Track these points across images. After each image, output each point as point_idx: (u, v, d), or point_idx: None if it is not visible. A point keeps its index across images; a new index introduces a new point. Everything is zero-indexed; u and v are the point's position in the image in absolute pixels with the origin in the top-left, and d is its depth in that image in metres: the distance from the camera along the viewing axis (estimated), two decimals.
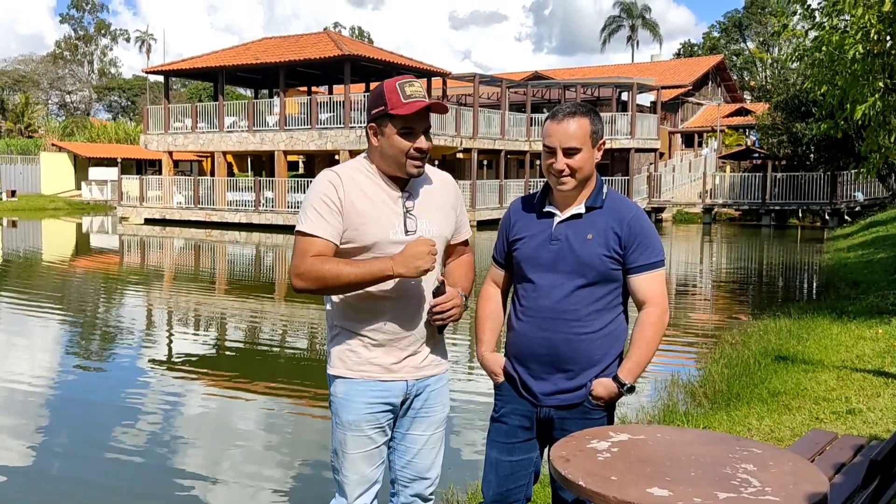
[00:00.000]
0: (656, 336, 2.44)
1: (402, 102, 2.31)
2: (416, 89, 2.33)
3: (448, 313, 2.37)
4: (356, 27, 77.86)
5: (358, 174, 2.41)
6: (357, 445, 2.42)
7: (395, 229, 2.37)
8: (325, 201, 2.34)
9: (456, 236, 2.58)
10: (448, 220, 2.51)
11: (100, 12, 79.78)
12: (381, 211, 2.36)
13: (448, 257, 2.63)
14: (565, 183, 2.45)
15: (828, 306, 9.30)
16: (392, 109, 2.31)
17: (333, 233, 2.34)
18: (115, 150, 43.99)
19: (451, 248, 2.61)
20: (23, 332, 9.85)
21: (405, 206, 2.40)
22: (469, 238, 2.65)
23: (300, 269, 2.30)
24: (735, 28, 69.53)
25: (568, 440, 2.09)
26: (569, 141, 2.42)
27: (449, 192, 2.54)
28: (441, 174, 2.56)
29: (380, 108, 2.34)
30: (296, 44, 30.03)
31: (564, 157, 2.42)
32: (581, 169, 2.43)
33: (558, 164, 2.43)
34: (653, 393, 6.27)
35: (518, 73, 46.37)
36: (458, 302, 2.39)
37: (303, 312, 11.24)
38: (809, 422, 4.68)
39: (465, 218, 2.62)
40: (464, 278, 2.59)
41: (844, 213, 28.79)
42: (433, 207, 2.46)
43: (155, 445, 5.42)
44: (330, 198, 2.34)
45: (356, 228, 2.34)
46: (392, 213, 2.38)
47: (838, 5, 8.20)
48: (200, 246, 23.03)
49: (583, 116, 2.44)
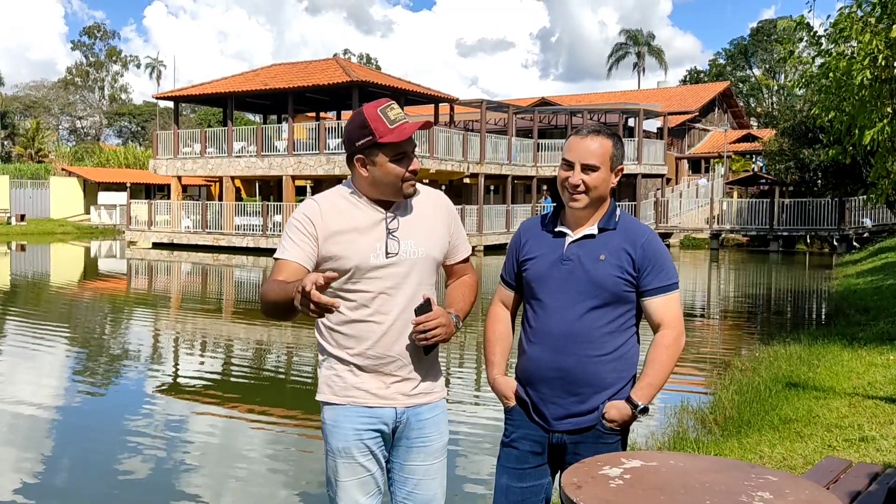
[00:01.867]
0: (671, 358, 2.40)
1: (390, 129, 2.27)
2: (397, 113, 2.30)
3: (432, 332, 2.27)
4: (364, 54, 78.57)
5: (339, 199, 2.38)
6: (349, 473, 2.37)
7: (376, 253, 2.32)
8: (298, 228, 2.32)
9: (452, 256, 2.52)
10: (438, 240, 2.44)
11: (111, 39, 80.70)
12: (361, 235, 2.32)
13: (449, 278, 2.59)
14: (578, 200, 2.42)
15: (838, 333, 9.22)
16: (381, 138, 2.27)
17: (302, 256, 2.30)
18: (125, 175, 44.28)
19: (450, 268, 2.55)
20: (29, 356, 9.84)
21: (388, 227, 2.35)
22: (469, 256, 2.59)
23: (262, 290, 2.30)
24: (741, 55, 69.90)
25: (579, 466, 2.05)
26: (588, 157, 2.41)
27: (439, 210, 2.47)
28: (432, 192, 2.51)
29: (367, 139, 2.28)
30: (304, 70, 30.30)
31: (582, 172, 2.41)
32: (596, 188, 2.41)
33: (574, 179, 2.41)
34: (662, 419, 6.21)
35: (525, 99, 46.65)
36: (445, 321, 2.30)
37: (308, 337, 11.20)
38: (822, 449, 4.61)
39: (461, 236, 2.54)
40: (460, 300, 2.51)
41: (853, 239, 28.69)
42: (420, 227, 2.40)
43: (159, 469, 5.37)
44: (304, 225, 2.32)
45: (336, 254, 2.31)
46: (373, 238, 2.33)
47: (845, 31, 8.24)
48: (208, 270, 23.06)
49: (606, 138, 2.45)
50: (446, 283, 2.60)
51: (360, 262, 2.31)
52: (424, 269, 2.40)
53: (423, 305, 2.29)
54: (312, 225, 2.32)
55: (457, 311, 2.45)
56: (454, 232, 2.52)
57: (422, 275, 2.39)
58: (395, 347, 2.36)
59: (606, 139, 2.44)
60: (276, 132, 29.32)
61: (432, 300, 2.34)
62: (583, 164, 2.41)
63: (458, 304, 2.49)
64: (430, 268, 2.43)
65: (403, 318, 2.34)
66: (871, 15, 8.28)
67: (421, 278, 2.39)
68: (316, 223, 2.32)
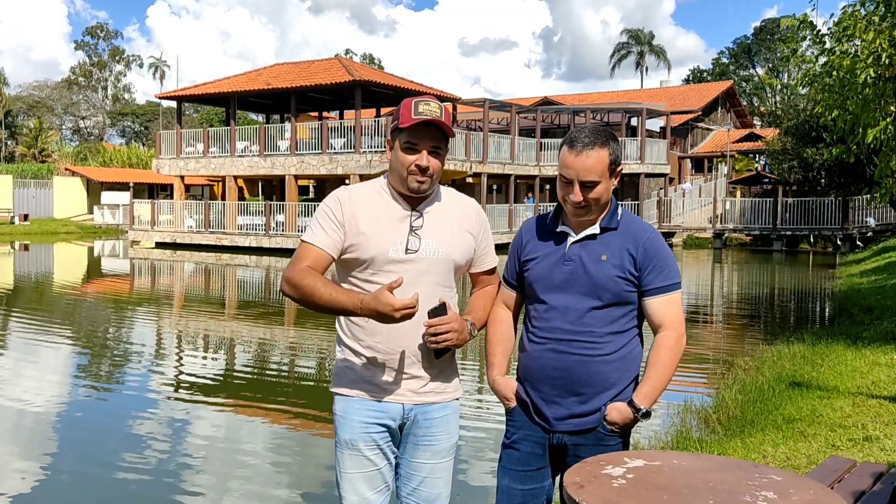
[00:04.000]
0: (673, 360, 2.38)
1: (412, 118, 2.32)
2: (430, 108, 2.32)
3: (443, 336, 2.28)
4: (367, 54, 78.59)
5: (370, 192, 2.44)
6: (355, 465, 2.39)
7: (397, 247, 2.35)
8: (327, 214, 2.39)
9: (477, 264, 2.54)
10: (461, 244, 2.45)
11: (114, 39, 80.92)
12: (384, 227, 2.36)
13: (473, 287, 2.60)
14: (582, 214, 2.41)
15: (842, 332, 9.19)
16: (402, 124, 2.34)
17: (330, 243, 2.36)
18: (128, 175, 44.35)
19: (476, 277, 2.57)
20: (33, 355, 9.85)
21: (412, 224, 2.38)
22: (496, 267, 2.59)
23: (288, 273, 2.34)
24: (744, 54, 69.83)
25: (582, 465, 2.04)
26: (587, 175, 2.35)
27: (467, 216, 2.49)
28: (464, 199, 2.54)
29: (394, 123, 2.38)
30: (307, 69, 30.30)
31: (582, 190, 2.37)
32: (599, 200, 2.39)
33: (576, 197, 2.37)
34: (665, 419, 6.19)
35: (527, 98, 46.62)
36: (457, 327, 2.31)
37: (312, 335, 11.20)
38: (826, 449, 4.59)
39: (489, 247, 2.55)
40: (479, 309, 2.53)
41: (856, 239, 28.63)
42: (444, 229, 2.42)
43: (163, 467, 5.37)
44: (333, 212, 2.38)
45: (358, 243, 2.35)
46: (396, 231, 2.37)
47: (849, 30, 8.21)
48: (210, 270, 23.08)
49: (601, 148, 2.35)
50: (471, 291, 2.61)
51: (378, 254, 2.34)
52: (442, 270, 2.40)
53: (437, 308, 2.30)
54: (342, 212, 2.38)
55: (474, 318, 2.47)
56: (482, 240, 2.53)
57: (439, 275, 2.40)
58: (406, 343, 2.37)
59: (601, 149, 2.34)
60: (279, 132, 29.33)
61: (449, 305, 2.34)
62: (582, 181, 2.36)
63: (477, 312, 2.52)
64: (449, 270, 2.43)
65: (416, 315, 2.32)
66: (875, 14, 8.26)
67: (438, 279, 2.40)
68: (345, 210, 2.38)
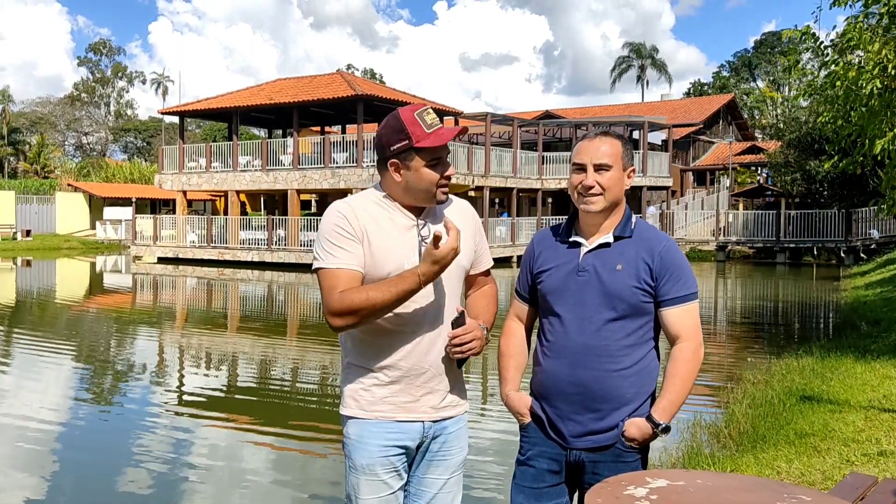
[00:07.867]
0: (692, 373, 2.32)
1: (427, 133, 2.21)
2: (434, 118, 2.26)
3: (468, 345, 2.24)
4: (369, 69, 78.90)
5: (370, 204, 2.31)
6: (371, 491, 2.28)
7: (410, 260, 2.26)
8: (339, 232, 2.23)
9: (476, 266, 2.47)
10: (466, 248, 2.37)
11: (117, 55, 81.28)
12: (394, 241, 2.26)
13: (469, 288, 2.53)
14: (594, 202, 2.35)
15: (850, 345, 9.11)
16: (419, 142, 2.21)
17: (355, 260, 2.22)
18: (130, 190, 44.43)
19: (473, 278, 2.50)
20: (35, 371, 9.78)
21: (420, 234, 2.30)
22: (490, 268, 2.54)
23: (332, 306, 2.17)
24: (745, 67, 70.05)
25: (603, 486, 1.97)
26: (600, 157, 2.36)
27: (467, 220, 2.42)
28: (459, 201, 2.48)
29: (403, 143, 2.22)
30: (309, 84, 30.37)
31: (595, 173, 2.36)
32: (611, 189, 2.35)
33: (588, 181, 2.35)
34: (675, 434, 6.10)
35: (528, 112, 46.70)
36: (479, 334, 2.27)
37: (315, 351, 11.13)
38: (840, 464, 4.51)
39: (485, 247, 2.50)
40: (485, 310, 2.46)
41: (860, 251, 28.55)
42: None
43: (164, 485, 5.29)
44: (343, 227, 2.23)
45: (371, 259, 2.24)
46: (405, 244, 2.28)
47: (853, 41, 8.18)
48: (213, 284, 23.02)
49: (615, 138, 2.43)
50: (466, 293, 2.54)
51: (393, 270, 2.23)
52: (454, 278, 2.34)
53: (458, 318, 2.26)
54: (351, 225, 2.24)
55: (484, 321, 2.40)
56: (479, 242, 2.48)
57: (451, 282, 2.33)
58: (428, 358, 2.29)
59: (615, 139, 2.41)
60: (281, 146, 29.37)
61: (466, 312, 2.29)
62: (595, 164, 2.36)
63: (484, 314, 2.45)
64: (460, 275, 2.38)
65: (436, 327, 2.27)
66: (879, 25, 8.23)
67: (451, 287, 2.33)
68: (354, 226, 2.24)
